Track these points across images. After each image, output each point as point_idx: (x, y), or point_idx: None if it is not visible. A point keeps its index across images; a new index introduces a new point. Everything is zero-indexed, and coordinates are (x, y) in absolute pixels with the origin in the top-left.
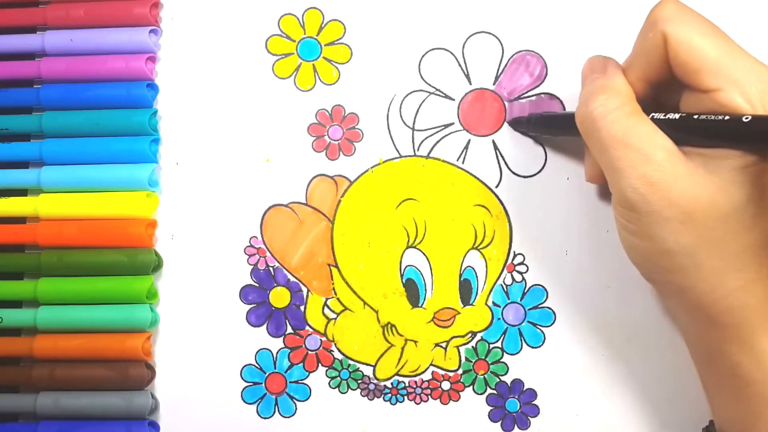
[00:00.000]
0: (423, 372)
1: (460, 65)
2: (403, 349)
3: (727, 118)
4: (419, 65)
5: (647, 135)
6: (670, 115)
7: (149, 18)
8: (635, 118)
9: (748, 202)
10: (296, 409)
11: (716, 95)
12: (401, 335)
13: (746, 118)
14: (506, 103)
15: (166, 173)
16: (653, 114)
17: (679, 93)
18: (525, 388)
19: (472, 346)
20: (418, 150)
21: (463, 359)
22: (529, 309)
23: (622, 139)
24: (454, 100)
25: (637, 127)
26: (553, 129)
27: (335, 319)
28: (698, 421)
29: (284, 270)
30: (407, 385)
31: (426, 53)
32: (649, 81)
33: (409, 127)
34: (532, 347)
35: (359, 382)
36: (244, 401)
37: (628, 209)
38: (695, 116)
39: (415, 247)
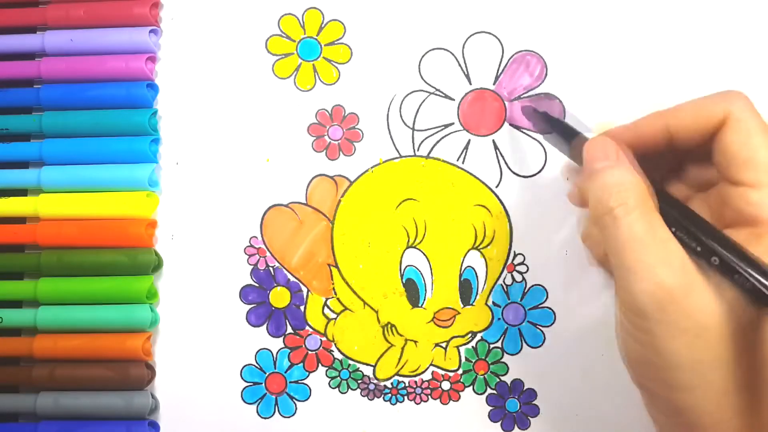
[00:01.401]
0: (423, 372)
1: (460, 65)
2: (403, 349)
3: (699, 249)
4: (419, 65)
5: (666, 238)
6: (692, 229)
7: (149, 18)
8: (654, 219)
9: (751, 324)
10: (296, 409)
11: (749, 191)
12: (401, 335)
13: (714, 260)
14: (506, 103)
15: (166, 173)
16: (672, 227)
17: (681, 172)
18: (525, 388)
19: (472, 346)
20: (418, 150)
21: (463, 359)
22: (529, 309)
23: (640, 240)
24: (454, 100)
25: (657, 229)
26: (561, 139)
27: (335, 319)
28: None
29: (284, 270)
30: (407, 385)
31: (426, 53)
32: (675, 134)
33: (409, 127)
34: (532, 347)
35: (359, 382)
36: (244, 401)
37: (639, 316)
38: (672, 229)
39: (415, 247)
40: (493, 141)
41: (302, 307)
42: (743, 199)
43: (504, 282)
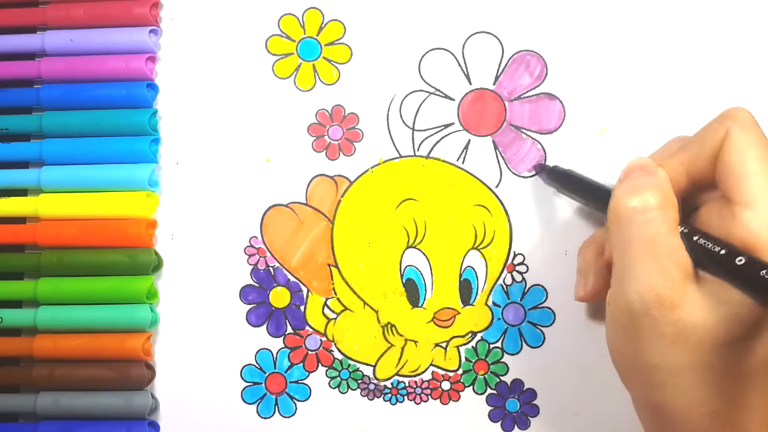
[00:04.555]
0: (423, 372)
1: (460, 65)
2: (403, 349)
3: (723, 252)
4: (419, 65)
5: (673, 249)
6: (682, 228)
7: (149, 18)
8: (670, 227)
9: (746, 337)
10: (296, 409)
11: (741, 210)
12: (401, 335)
13: (740, 260)
14: (506, 103)
15: (166, 173)
16: (682, 227)
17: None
18: (525, 388)
19: (472, 346)
20: (418, 150)
21: (463, 359)
22: (529, 309)
23: (648, 242)
24: (454, 100)
25: (667, 237)
26: (576, 192)
27: (335, 319)
28: None
29: (284, 270)
30: (407, 385)
31: (426, 53)
32: (691, 172)
33: (409, 127)
34: (532, 347)
35: (359, 382)
36: (244, 401)
37: (625, 314)
38: (695, 237)
39: (415, 247)
40: (493, 141)
41: (302, 307)
42: (735, 219)
43: (504, 282)
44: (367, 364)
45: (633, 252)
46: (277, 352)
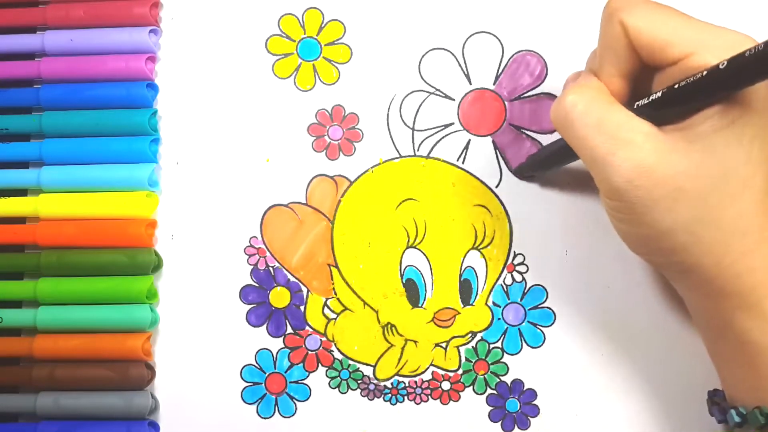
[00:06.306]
0: (423, 372)
1: (460, 65)
2: (403, 349)
3: (705, 73)
4: (419, 65)
5: (622, 121)
6: (653, 96)
7: (149, 18)
8: (607, 106)
9: (737, 163)
10: (296, 409)
11: (688, 61)
12: (401, 335)
13: (722, 64)
14: (506, 103)
15: (166, 173)
16: (637, 103)
17: (651, 81)
18: (525, 388)
19: (472, 346)
20: (418, 150)
21: (463, 359)
22: (529, 309)
23: (596, 126)
24: (454, 100)
25: (610, 114)
26: (548, 161)
27: (335, 319)
28: (698, 420)
29: (284, 270)
30: (407, 385)
31: (426, 53)
32: (623, 75)
33: (409, 127)
34: (532, 347)
35: (359, 382)
36: (244, 401)
37: (616, 199)
38: (675, 85)
39: (415, 247)
40: (493, 141)
41: (302, 307)
42: (691, 69)
43: (504, 282)
44: (367, 364)
45: (589, 143)
46: (277, 352)
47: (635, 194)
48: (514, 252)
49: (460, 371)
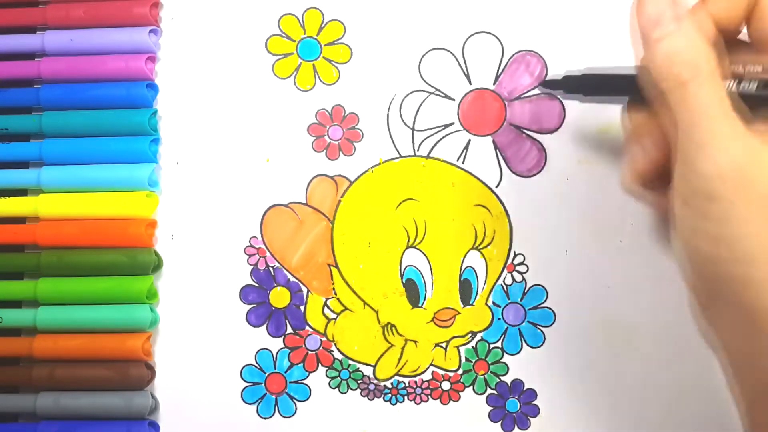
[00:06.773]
0: (423, 372)
1: (460, 65)
2: (403, 349)
3: None
4: (419, 65)
5: (731, 111)
6: (745, 84)
7: (149, 18)
8: (722, 88)
9: None
10: (296, 409)
11: None
12: (401, 335)
13: None
14: (506, 103)
15: (166, 173)
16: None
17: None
18: (525, 388)
19: (472, 346)
20: (418, 150)
21: (463, 359)
22: (529, 309)
23: (718, 107)
24: (454, 100)
25: (725, 99)
26: (608, 92)
27: (335, 319)
28: (698, 420)
29: (284, 270)
30: (407, 385)
31: (426, 53)
32: (721, 24)
33: (409, 127)
34: (532, 347)
35: (359, 382)
36: (244, 401)
37: (709, 200)
38: (743, 84)
39: (415, 247)
40: (493, 141)
41: (302, 307)
42: None
43: (504, 282)
44: (367, 364)
45: (703, 125)
46: (277, 352)
47: (733, 198)
48: (514, 252)
49: (460, 371)
